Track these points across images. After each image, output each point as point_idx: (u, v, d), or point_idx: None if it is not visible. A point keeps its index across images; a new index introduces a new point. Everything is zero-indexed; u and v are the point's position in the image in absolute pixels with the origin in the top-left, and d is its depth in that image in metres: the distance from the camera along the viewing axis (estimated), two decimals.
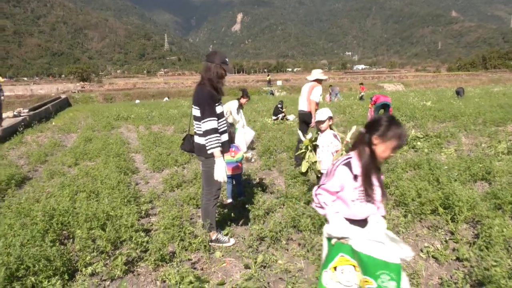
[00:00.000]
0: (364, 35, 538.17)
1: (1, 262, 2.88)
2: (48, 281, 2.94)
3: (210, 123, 3.37)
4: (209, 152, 3.39)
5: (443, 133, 9.05)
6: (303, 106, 6.81)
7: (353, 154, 2.19)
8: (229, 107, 7.93)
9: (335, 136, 4.29)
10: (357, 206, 2.16)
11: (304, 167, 4.40)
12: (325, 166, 4.15)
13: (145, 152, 8.56)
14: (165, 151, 8.17)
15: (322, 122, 4.30)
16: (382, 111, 11.64)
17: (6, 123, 13.22)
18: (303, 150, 4.48)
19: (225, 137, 3.58)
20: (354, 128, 4.15)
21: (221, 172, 3.40)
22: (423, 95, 22.15)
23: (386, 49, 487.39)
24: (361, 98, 23.31)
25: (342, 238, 2.08)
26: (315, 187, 2.26)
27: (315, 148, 4.41)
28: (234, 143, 4.89)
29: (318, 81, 6.74)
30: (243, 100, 8.21)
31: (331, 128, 4.40)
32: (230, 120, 7.80)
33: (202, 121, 3.40)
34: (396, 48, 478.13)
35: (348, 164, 2.16)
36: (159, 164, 7.23)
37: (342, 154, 4.03)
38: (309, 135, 4.49)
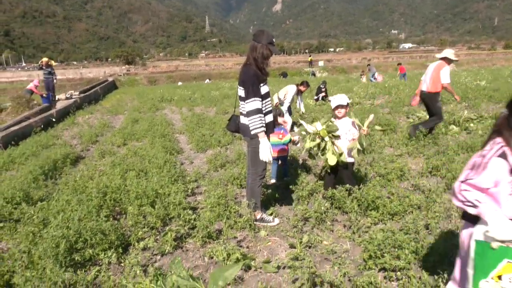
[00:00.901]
0: (412, 12, 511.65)
1: (61, 235, 3.08)
2: (104, 254, 3.13)
3: (254, 103, 3.37)
4: (252, 132, 3.40)
5: (499, 114, 8.48)
6: (425, 86, 6.61)
7: (501, 142, 1.85)
8: (286, 90, 8.62)
9: (353, 123, 4.04)
10: (511, 202, 1.83)
11: (332, 160, 3.92)
12: (350, 155, 4.00)
13: (188, 133, 8.76)
14: (208, 132, 8.31)
15: (342, 107, 3.98)
16: None
17: (59, 105, 14.00)
18: (318, 141, 4.02)
19: (269, 118, 3.57)
20: (372, 117, 3.99)
21: (266, 152, 3.41)
22: (476, 75, 20.84)
23: (436, 26, 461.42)
24: (403, 77, 22.15)
25: (508, 241, 1.75)
26: (457, 183, 1.91)
27: (334, 137, 4.00)
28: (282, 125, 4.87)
29: (447, 60, 6.43)
30: (302, 88, 8.99)
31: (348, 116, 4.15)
32: (286, 103, 8.52)
33: (246, 101, 3.40)
34: (447, 25, 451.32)
35: (504, 155, 1.81)
36: (203, 144, 7.37)
37: (358, 144, 3.92)
38: (318, 125, 4.02)
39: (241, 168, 5.36)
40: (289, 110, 8.71)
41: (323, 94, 13.29)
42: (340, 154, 3.94)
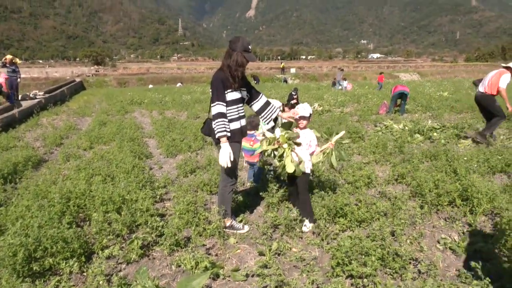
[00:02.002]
0: (380, 23, 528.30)
1: (19, 243, 2.92)
2: (66, 263, 2.98)
3: (217, 107, 3.34)
4: (216, 136, 3.36)
5: (460, 124, 8.87)
6: (482, 88, 7.16)
7: None
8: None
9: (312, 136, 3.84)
10: None
11: (290, 168, 3.62)
12: (308, 165, 3.78)
13: (158, 137, 8.60)
14: (178, 137, 8.18)
15: (304, 118, 3.76)
16: (399, 100, 11.47)
17: (22, 105, 13.40)
18: (275, 146, 3.74)
19: (235, 125, 3.50)
20: (342, 133, 3.88)
21: (225, 157, 3.35)
22: (439, 85, 21.72)
23: (403, 38, 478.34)
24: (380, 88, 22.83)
25: None
26: None
27: (296, 145, 3.75)
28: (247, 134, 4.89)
29: (509, 69, 7.02)
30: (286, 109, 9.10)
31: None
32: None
33: (211, 104, 3.38)
34: (412, 37, 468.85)
35: None
36: (173, 149, 7.25)
37: (323, 156, 3.81)
38: (277, 131, 3.79)
39: (211, 174, 5.30)
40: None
41: (295, 101, 13.44)
42: (300, 163, 3.70)
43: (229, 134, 3.38)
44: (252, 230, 3.81)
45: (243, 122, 3.62)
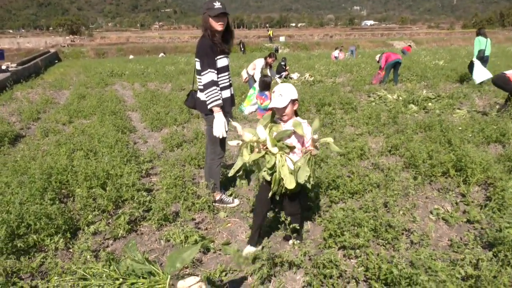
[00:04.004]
0: None
1: (1, 220, 2.93)
2: (51, 239, 3.02)
3: (209, 75, 3.31)
4: (209, 106, 3.34)
5: (455, 93, 8.97)
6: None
7: None
8: (254, 64, 9.43)
9: (307, 125, 2.72)
10: None
11: (290, 182, 2.59)
12: (301, 179, 2.56)
13: (142, 110, 8.52)
14: (163, 110, 8.12)
15: (283, 109, 2.67)
16: (392, 70, 11.49)
17: None
18: (262, 153, 2.63)
19: (226, 93, 3.51)
20: (317, 123, 2.65)
21: (219, 128, 3.36)
22: (435, 54, 21.76)
23: (398, 4, 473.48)
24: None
25: None
26: None
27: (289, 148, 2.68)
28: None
29: None
30: (269, 60, 9.60)
31: (296, 115, 2.82)
32: (256, 75, 9.23)
33: (202, 73, 3.34)
34: (408, 3, 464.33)
35: None
36: (158, 123, 7.21)
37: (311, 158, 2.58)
38: (260, 130, 2.70)
39: (199, 147, 5.32)
40: (250, 83, 9.06)
41: (286, 72, 13.34)
42: (298, 169, 2.60)
43: (221, 103, 3.37)
44: (243, 204, 3.87)
45: (232, 90, 3.62)
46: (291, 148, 2.68)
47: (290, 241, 3.05)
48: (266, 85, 5.83)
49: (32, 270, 2.72)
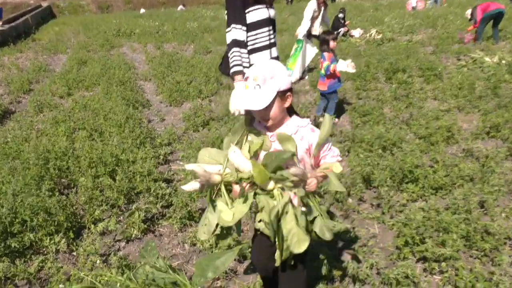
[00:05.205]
0: None
1: None
2: (50, 239, 3.17)
3: (233, 33, 3.23)
4: (230, 72, 3.28)
5: None
6: None
7: None
8: (305, 10, 8.68)
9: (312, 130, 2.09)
10: None
11: (301, 244, 1.90)
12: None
13: (157, 79, 8.68)
14: (184, 79, 8.23)
15: (264, 111, 1.98)
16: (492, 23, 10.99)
17: None
18: (247, 206, 1.99)
19: (265, 56, 3.39)
20: (327, 127, 1.97)
21: (234, 102, 3.24)
22: None
23: None
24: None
25: None
26: None
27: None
28: None
29: None
30: None
31: (291, 114, 2.16)
32: (305, 23, 8.41)
33: (226, 29, 3.30)
34: None
35: None
36: (177, 95, 7.33)
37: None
38: (238, 156, 1.98)
39: (230, 126, 5.37)
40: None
41: (345, 28, 13.05)
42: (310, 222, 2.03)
43: (242, 69, 3.24)
44: None
45: (274, 52, 3.53)
46: (295, 184, 1.88)
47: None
48: (323, 42, 5.83)
49: (29, 276, 2.88)
